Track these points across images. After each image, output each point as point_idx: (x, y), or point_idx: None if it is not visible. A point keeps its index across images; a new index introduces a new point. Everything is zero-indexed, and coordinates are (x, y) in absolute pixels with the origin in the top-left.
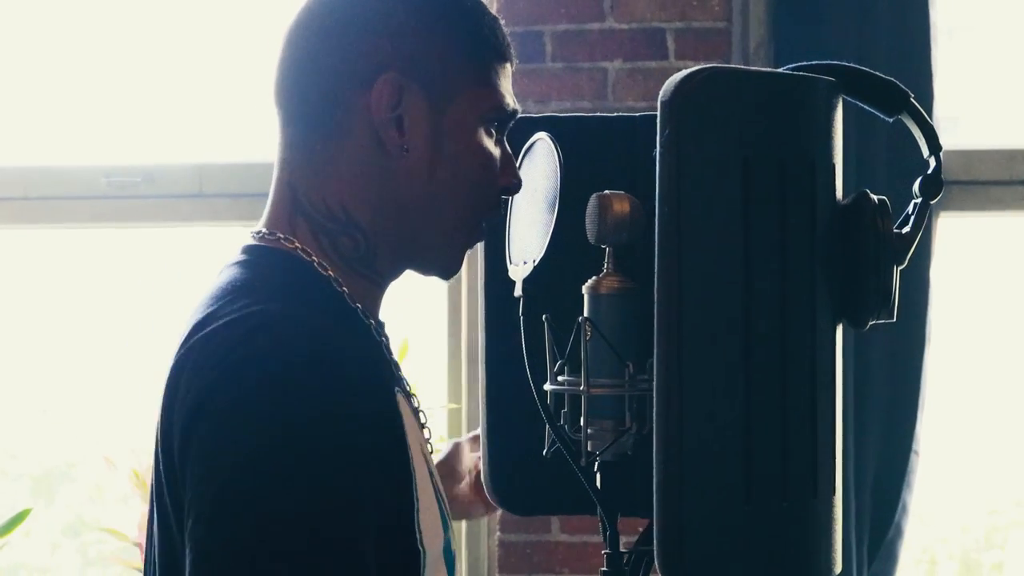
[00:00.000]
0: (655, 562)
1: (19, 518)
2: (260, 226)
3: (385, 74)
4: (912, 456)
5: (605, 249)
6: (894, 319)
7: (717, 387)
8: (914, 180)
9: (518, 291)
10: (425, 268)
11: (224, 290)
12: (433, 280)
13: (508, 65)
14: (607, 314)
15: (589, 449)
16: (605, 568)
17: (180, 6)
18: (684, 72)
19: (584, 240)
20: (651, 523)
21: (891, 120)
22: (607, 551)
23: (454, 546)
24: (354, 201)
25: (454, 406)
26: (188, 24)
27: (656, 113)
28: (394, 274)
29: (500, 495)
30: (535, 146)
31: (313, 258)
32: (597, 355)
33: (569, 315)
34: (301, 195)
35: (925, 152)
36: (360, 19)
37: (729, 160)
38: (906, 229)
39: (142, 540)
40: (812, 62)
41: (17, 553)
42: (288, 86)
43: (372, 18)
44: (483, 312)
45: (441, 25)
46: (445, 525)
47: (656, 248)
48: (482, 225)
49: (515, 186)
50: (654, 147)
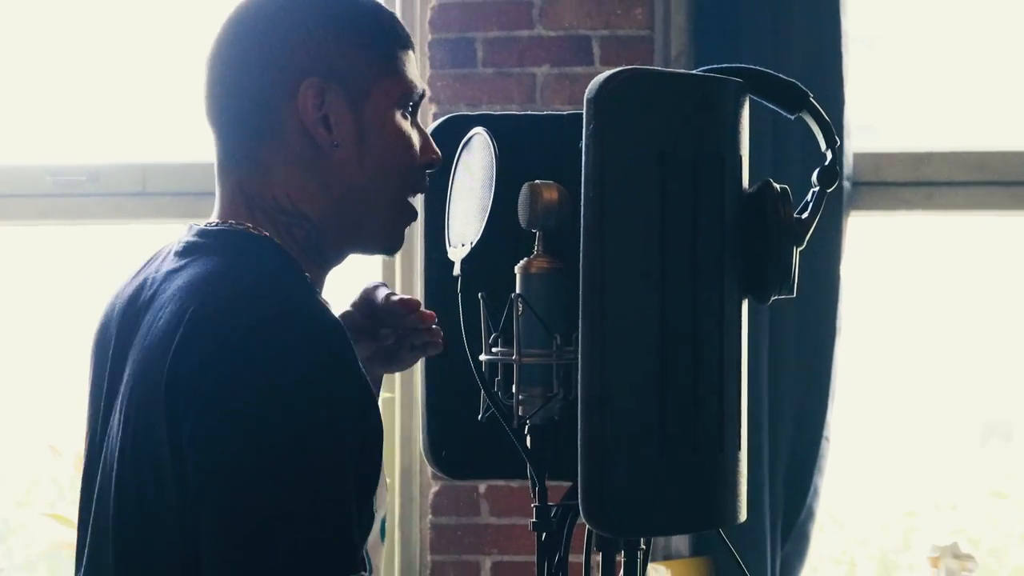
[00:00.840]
0: (580, 513)
1: None
2: (216, 218)
3: (307, 80)
4: (823, 442)
5: (535, 233)
6: (794, 295)
7: (635, 355)
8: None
9: (456, 270)
10: (370, 248)
11: (223, 268)
12: (372, 262)
13: (410, 52)
14: (537, 291)
15: (520, 413)
16: (535, 520)
17: (122, 11)
18: (608, 72)
19: (516, 225)
20: (576, 482)
21: (792, 117)
22: (536, 504)
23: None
24: (299, 195)
25: (388, 395)
26: (130, 28)
27: (581, 112)
28: (340, 258)
29: (439, 461)
30: (472, 140)
31: (279, 244)
32: (528, 328)
33: (503, 293)
34: (253, 194)
35: (823, 146)
36: (276, 35)
37: (647, 152)
38: (805, 214)
39: None
40: (722, 65)
41: None
42: (221, 104)
43: (286, 32)
44: (423, 292)
45: (347, 29)
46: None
47: (581, 231)
48: (413, 204)
49: (436, 161)
50: (580, 142)
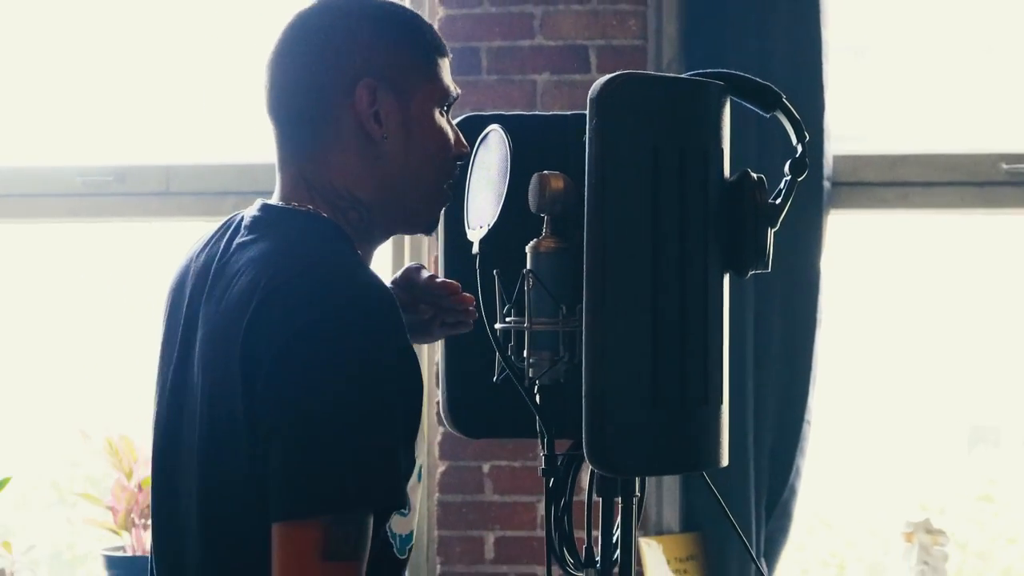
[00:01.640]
0: (585, 457)
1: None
2: (279, 200)
3: (362, 80)
4: (805, 425)
5: (544, 217)
6: (769, 270)
7: (631, 321)
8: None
9: (475, 249)
10: (411, 228)
11: (293, 244)
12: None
13: (447, 59)
14: (545, 267)
15: (531, 375)
16: (544, 467)
17: (148, 17)
18: (608, 76)
19: (527, 210)
20: (579, 436)
21: (768, 115)
22: (545, 453)
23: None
24: (353, 181)
25: None
26: (154, 32)
27: (583, 113)
28: (384, 237)
29: (457, 422)
30: (488, 136)
31: (339, 226)
32: (537, 300)
33: (514, 270)
34: (313, 181)
35: (794, 140)
36: (334, 41)
37: (642, 146)
38: (779, 200)
39: (115, 504)
40: (707, 69)
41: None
42: (283, 101)
43: (344, 39)
44: (442, 269)
45: (396, 37)
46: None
47: (585, 214)
48: (449, 190)
49: (466, 153)
50: (582, 137)
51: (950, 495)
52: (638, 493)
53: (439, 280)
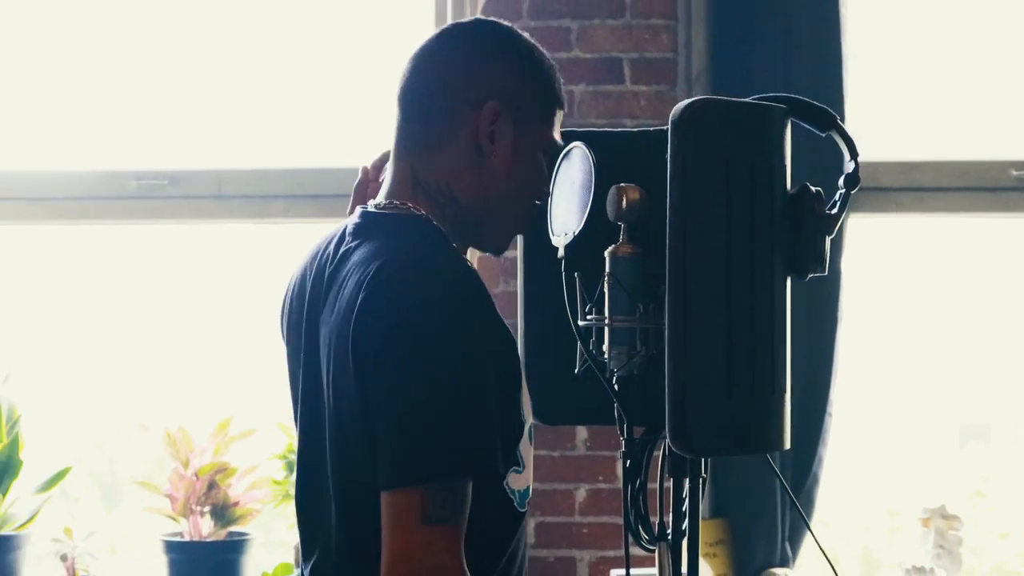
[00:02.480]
0: (658, 441)
1: (60, 475)
2: (386, 197)
3: (491, 101)
4: (827, 417)
5: (620, 225)
6: (826, 273)
7: (709, 320)
8: (839, 178)
9: (560, 254)
10: (484, 244)
11: (394, 245)
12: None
13: (561, 112)
14: (623, 270)
15: (611, 367)
16: (623, 450)
17: (203, 27)
18: (687, 101)
19: (604, 219)
20: (651, 424)
21: (823, 135)
22: (624, 438)
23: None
24: (457, 183)
25: None
26: (210, 43)
27: (659, 129)
28: (469, 241)
29: (540, 413)
30: (571, 152)
31: (436, 224)
32: (615, 300)
33: (590, 273)
34: (420, 175)
35: (847, 157)
36: (478, 59)
37: (717, 163)
38: (834, 211)
39: (173, 492)
40: (771, 94)
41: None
42: (415, 93)
43: (485, 60)
44: (521, 276)
45: (530, 77)
46: (531, 411)
47: (667, 223)
48: (524, 223)
49: (545, 197)
50: (664, 153)
51: (944, 491)
52: (704, 475)
53: None
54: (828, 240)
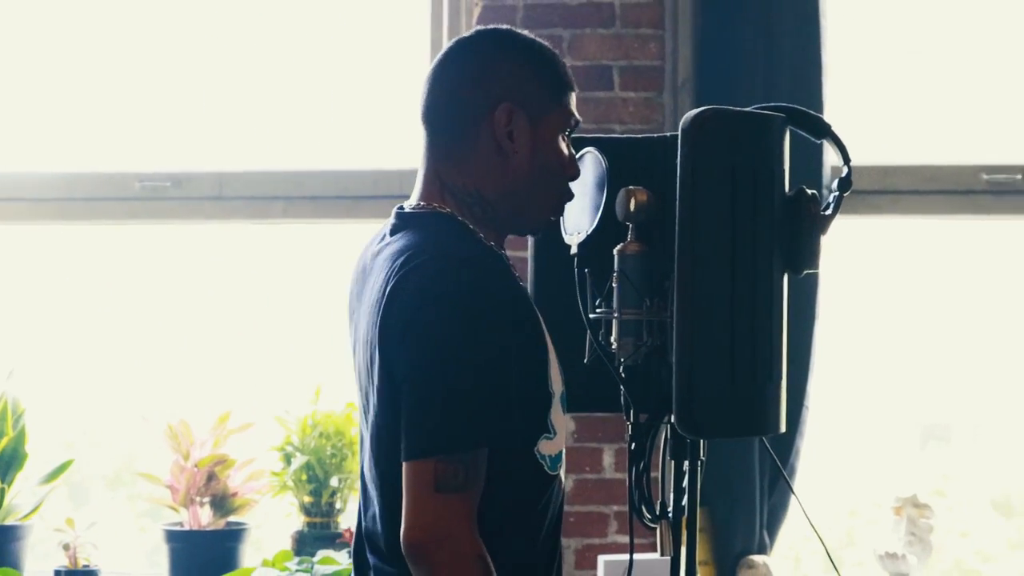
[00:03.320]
0: (671, 422)
1: (63, 468)
2: (417, 200)
3: (502, 104)
4: (803, 410)
5: (629, 225)
6: (819, 270)
7: (713, 312)
8: (833, 181)
9: (573, 251)
10: (521, 230)
11: (420, 239)
12: None
13: (573, 93)
14: (631, 267)
15: (619, 357)
16: (630, 433)
17: (202, 32)
18: (696, 110)
19: (613, 219)
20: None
21: (819, 142)
22: (631, 422)
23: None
24: (482, 183)
25: None
26: (209, 47)
27: (663, 136)
28: (506, 230)
29: None
30: (584, 156)
31: (460, 219)
32: (623, 294)
33: (599, 269)
34: (446, 180)
35: (841, 163)
36: (486, 68)
37: (722, 167)
38: (828, 212)
39: (174, 483)
40: (770, 104)
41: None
42: (435, 111)
43: (493, 67)
44: (532, 274)
45: (535, 71)
46: (563, 382)
47: (676, 223)
48: (563, 203)
49: (577, 174)
50: (669, 158)
51: (905, 489)
52: (703, 457)
53: None
54: (822, 240)
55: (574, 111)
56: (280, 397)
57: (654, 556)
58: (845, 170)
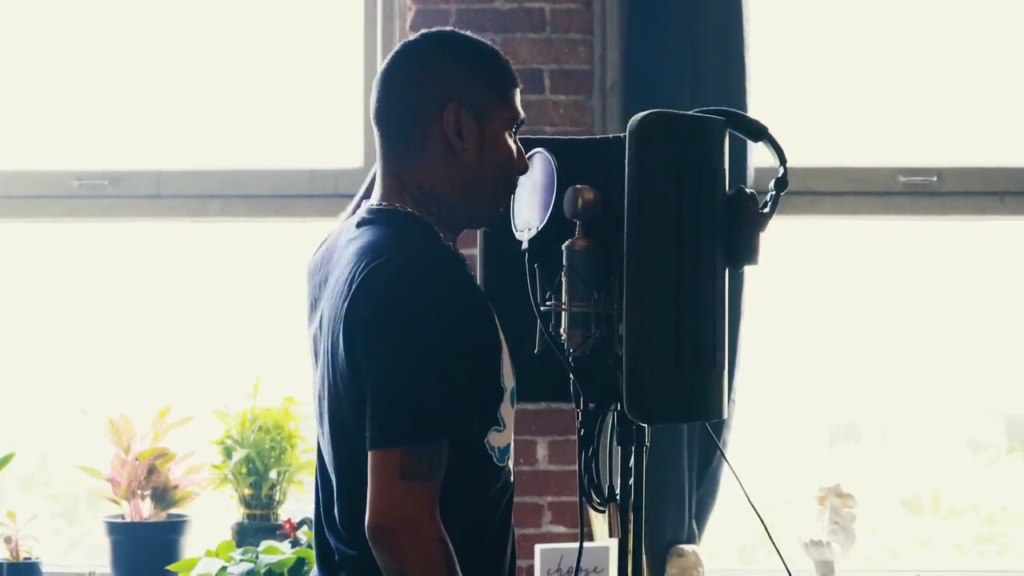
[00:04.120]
0: (618, 409)
1: (3, 462)
2: (380, 200)
3: (450, 104)
4: (730, 403)
5: (576, 222)
6: (758, 264)
7: (660, 303)
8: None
9: (524, 246)
10: (476, 223)
11: (385, 237)
12: None
13: (517, 89)
14: (579, 262)
15: (567, 347)
16: (579, 421)
17: (139, 31)
18: (642, 113)
19: (560, 216)
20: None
21: (757, 143)
22: (580, 410)
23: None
24: (438, 182)
25: None
26: (146, 46)
27: (607, 138)
28: (462, 226)
29: None
30: (533, 157)
31: (421, 217)
32: (572, 288)
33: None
34: (404, 180)
35: (776, 163)
36: (432, 70)
37: (668, 167)
38: (766, 210)
39: (115, 476)
40: (711, 107)
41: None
42: (386, 114)
43: (439, 68)
44: (481, 269)
45: (479, 69)
46: (513, 378)
47: (625, 220)
48: (511, 196)
49: (525, 168)
50: (613, 158)
51: (814, 486)
52: (647, 443)
53: None
54: (760, 236)
55: (519, 107)
56: (219, 392)
57: (589, 543)
58: (781, 170)
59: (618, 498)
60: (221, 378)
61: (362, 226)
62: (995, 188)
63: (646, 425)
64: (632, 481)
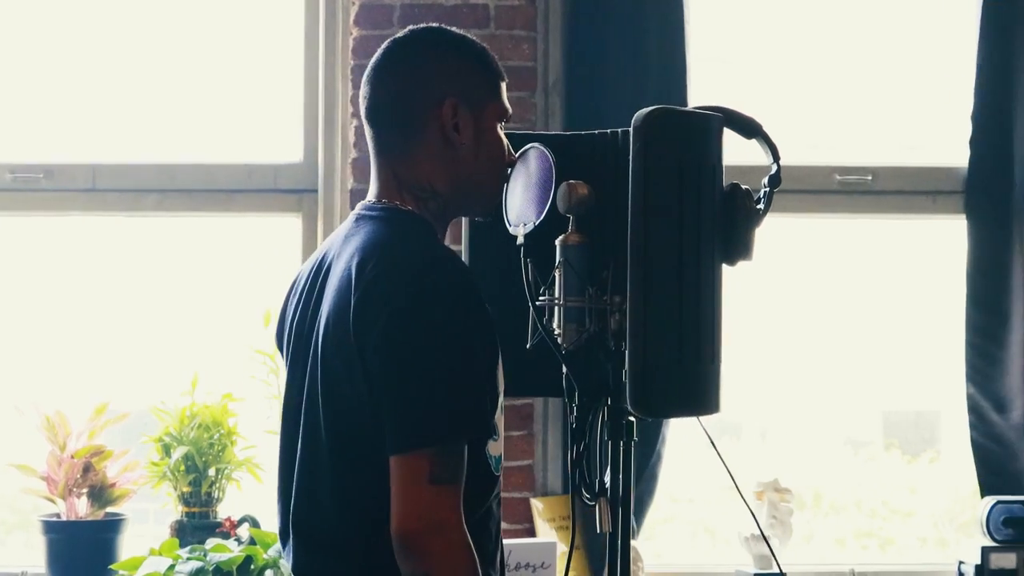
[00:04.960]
0: (627, 401)
1: None
2: (377, 197)
3: (448, 98)
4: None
5: (569, 217)
6: (752, 260)
7: (664, 297)
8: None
9: (520, 241)
10: (475, 213)
11: (386, 236)
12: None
13: (504, 84)
14: (572, 257)
15: (562, 342)
16: (574, 415)
17: (77, 22)
18: (647, 109)
19: (554, 211)
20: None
21: (750, 140)
22: (576, 404)
23: None
24: (435, 177)
25: None
26: (83, 38)
27: (594, 133)
28: (456, 216)
29: None
30: (528, 152)
31: (421, 216)
32: (567, 283)
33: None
34: (401, 176)
35: (770, 160)
36: (428, 65)
37: (671, 163)
38: (760, 206)
39: (51, 474)
40: (709, 104)
41: None
42: (380, 109)
43: (435, 64)
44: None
45: (472, 64)
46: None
47: (629, 215)
48: (503, 188)
49: (514, 161)
50: (612, 154)
51: (698, 486)
52: (636, 438)
53: None
54: (755, 232)
55: (507, 101)
56: (156, 388)
57: (535, 539)
58: (775, 167)
59: (608, 493)
60: (158, 374)
61: (360, 222)
62: (928, 188)
63: (647, 419)
64: (621, 475)
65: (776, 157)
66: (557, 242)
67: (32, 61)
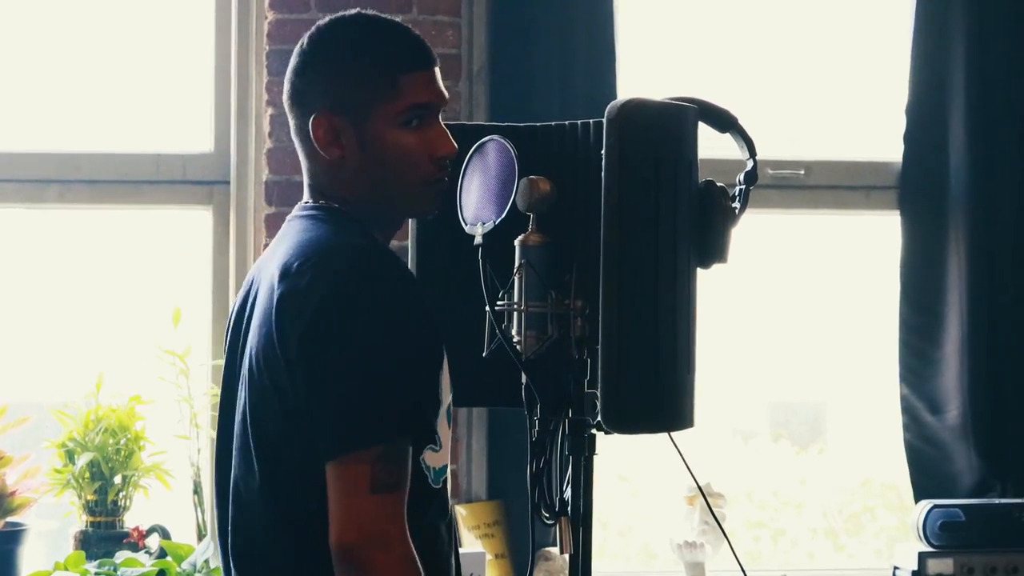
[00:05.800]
0: (597, 415)
1: None
2: (307, 198)
3: (315, 115)
4: None
5: (530, 215)
6: (727, 262)
7: (639, 304)
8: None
9: (478, 241)
10: (406, 216)
11: (313, 234)
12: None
13: (416, 72)
14: (533, 258)
15: (521, 350)
16: (537, 428)
17: None
18: (620, 100)
19: (512, 209)
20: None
21: (724, 133)
22: (537, 417)
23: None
24: (341, 188)
25: (219, 362)
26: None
27: (563, 124)
28: (394, 222)
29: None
30: (485, 145)
31: (351, 215)
32: (528, 286)
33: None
34: (317, 186)
35: (746, 156)
36: (302, 78)
37: (646, 157)
38: (736, 205)
39: None
40: (685, 96)
41: None
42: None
43: (308, 76)
44: (414, 266)
45: (355, 67)
46: (451, 392)
47: (602, 211)
48: (444, 178)
49: (451, 152)
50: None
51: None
52: (597, 453)
53: None
54: (731, 231)
55: (416, 92)
56: (58, 389)
57: (465, 550)
58: (751, 163)
59: (569, 511)
60: (60, 375)
61: (293, 222)
62: (861, 182)
63: (616, 433)
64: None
65: (752, 152)
66: (517, 242)
67: None
